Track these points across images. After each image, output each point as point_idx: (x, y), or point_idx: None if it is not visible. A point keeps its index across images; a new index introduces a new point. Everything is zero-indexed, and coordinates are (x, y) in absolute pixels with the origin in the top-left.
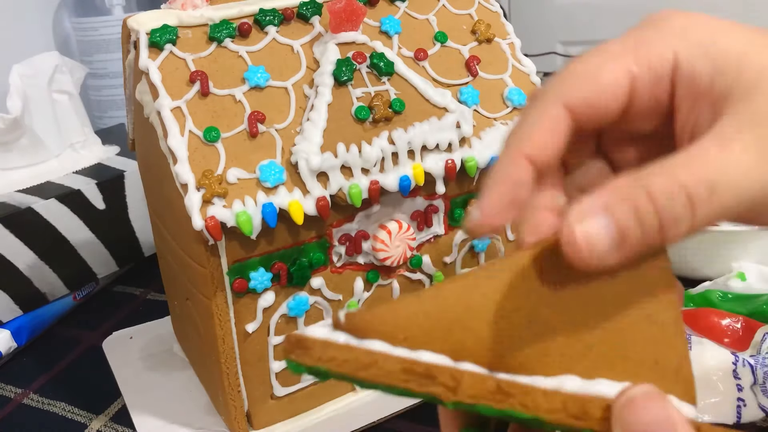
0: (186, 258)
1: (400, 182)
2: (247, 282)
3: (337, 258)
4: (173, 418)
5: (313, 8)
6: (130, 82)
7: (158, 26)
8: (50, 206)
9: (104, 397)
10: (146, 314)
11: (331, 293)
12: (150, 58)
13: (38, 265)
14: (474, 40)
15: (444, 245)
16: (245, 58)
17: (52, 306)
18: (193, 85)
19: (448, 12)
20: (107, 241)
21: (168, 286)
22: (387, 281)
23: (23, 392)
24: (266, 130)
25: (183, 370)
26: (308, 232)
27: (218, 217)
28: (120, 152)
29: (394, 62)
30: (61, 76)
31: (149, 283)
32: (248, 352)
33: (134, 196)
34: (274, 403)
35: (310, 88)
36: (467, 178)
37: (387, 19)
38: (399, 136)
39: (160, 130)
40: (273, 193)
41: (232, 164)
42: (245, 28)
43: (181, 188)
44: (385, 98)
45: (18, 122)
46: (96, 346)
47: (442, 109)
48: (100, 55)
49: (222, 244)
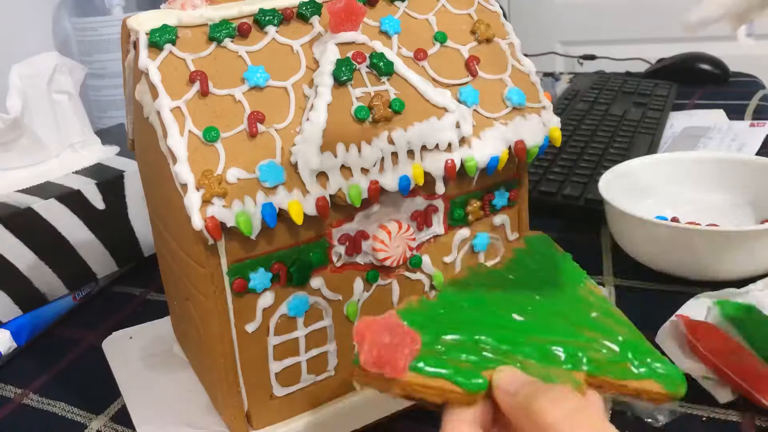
0: (186, 258)
1: (399, 182)
2: (247, 282)
3: (337, 258)
4: (173, 418)
5: (312, 8)
6: (129, 82)
7: (158, 26)
8: (50, 206)
9: (104, 397)
10: (146, 314)
11: (330, 293)
12: (149, 58)
13: (38, 265)
14: (474, 40)
15: (444, 245)
16: (245, 58)
17: (52, 306)
18: (193, 85)
19: (448, 12)
20: (107, 241)
21: (168, 286)
22: (387, 281)
23: (23, 392)
24: (266, 130)
25: (183, 370)
26: (308, 232)
27: (218, 217)
28: (120, 152)
29: (394, 62)
30: (60, 76)
31: (149, 283)
32: (248, 352)
33: (134, 196)
34: (274, 403)
35: (310, 88)
36: (467, 178)
37: (387, 19)
38: (399, 136)
39: (159, 130)
40: (272, 193)
41: (231, 164)
42: (245, 28)
43: (181, 188)
44: (384, 98)
45: (18, 122)
46: (96, 346)
47: (442, 109)
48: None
49: (221, 244)
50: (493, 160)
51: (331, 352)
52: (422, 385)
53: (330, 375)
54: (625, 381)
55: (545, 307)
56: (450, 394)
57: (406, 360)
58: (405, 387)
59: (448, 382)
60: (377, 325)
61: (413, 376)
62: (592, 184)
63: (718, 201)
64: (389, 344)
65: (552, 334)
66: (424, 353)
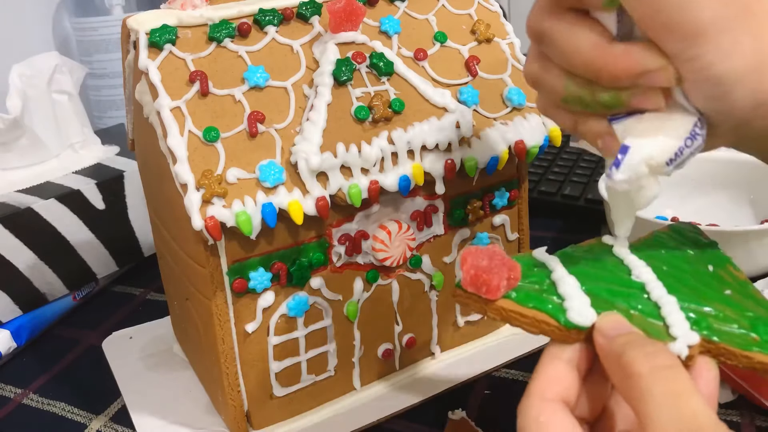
0: (186, 258)
1: (399, 182)
2: (247, 282)
3: (337, 258)
4: (173, 418)
5: (312, 8)
6: (129, 82)
7: (158, 26)
8: (50, 206)
9: (104, 397)
10: (146, 314)
11: (330, 293)
12: (149, 58)
13: (38, 265)
14: (474, 40)
15: (444, 245)
16: (245, 58)
17: (52, 306)
18: (193, 85)
19: (448, 12)
20: (107, 241)
21: (168, 286)
22: (387, 281)
23: (23, 392)
24: (266, 130)
25: (183, 370)
26: (308, 232)
27: (218, 217)
28: (120, 152)
29: (394, 62)
30: (60, 76)
31: (149, 283)
32: (248, 352)
33: (134, 196)
34: (274, 403)
35: (310, 88)
36: (467, 178)
37: (386, 19)
38: (399, 136)
39: (159, 130)
40: (273, 193)
41: (231, 164)
42: (245, 28)
43: (181, 188)
44: (384, 98)
45: (18, 122)
46: (96, 346)
47: (442, 109)
48: (100, 55)
49: (222, 244)
50: (493, 160)
51: (331, 352)
52: (517, 312)
53: (330, 375)
54: (749, 353)
55: (674, 276)
56: (544, 326)
57: (500, 283)
58: (499, 311)
59: (542, 313)
60: (479, 251)
61: (508, 303)
62: (592, 184)
63: (718, 201)
64: (487, 267)
65: (676, 298)
66: (523, 286)
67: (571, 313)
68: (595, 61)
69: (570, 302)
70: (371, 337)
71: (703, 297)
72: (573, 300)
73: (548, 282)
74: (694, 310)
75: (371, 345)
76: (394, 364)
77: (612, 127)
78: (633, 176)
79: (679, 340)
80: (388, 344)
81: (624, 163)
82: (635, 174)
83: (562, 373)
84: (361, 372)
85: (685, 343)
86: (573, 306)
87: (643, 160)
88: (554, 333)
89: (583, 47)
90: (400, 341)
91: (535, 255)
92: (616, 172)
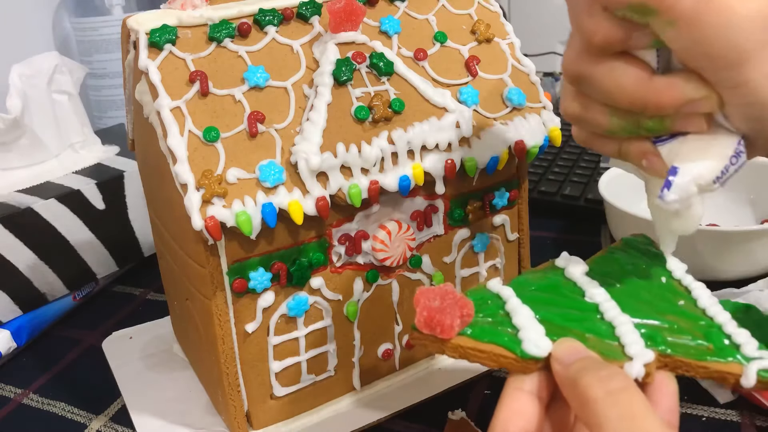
0: (186, 258)
1: (399, 182)
2: (247, 282)
3: (337, 258)
4: (173, 418)
5: (312, 8)
6: (129, 82)
7: (158, 26)
8: (50, 206)
9: (104, 397)
10: (146, 314)
11: (330, 293)
12: (149, 58)
13: (38, 265)
14: (474, 40)
15: (444, 245)
16: (245, 58)
17: (51, 306)
18: (193, 85)
19: (448, 12)
20: (107, 241)
21: (168, 286)
22: (387, 281)
23: (23, 392)
24: (266, 130)
25: (183, 370)
26: (308, 232)
27: (218, 217)
28: (120, 152)
29: (394, 62)
30: (60, 76)
31: (149, 283)
32: (248, 352)
33: (134, 196)
34: (274, 403)
35: (310, 88)
36: (467, 178)
37: (386, 19)
38: (399, 136)
39: (159, 130)
40: (273, 193)
41: (231, 164)
42: (245, 28)
43: (181, 188)
44: (384, 98)
45: (18, 122)
46: (96, 346)
47: (442, 109)
48: (100, 55)
49: (222, 244)
50: (493, 160)
51: (331, 352)
52: (474, 348)
53: (330, 375)
54: (705, 363)
55: (627, 292)
56: (502, 359)
57: (454, 322)
58: (456, 349)
59: (498, 347)
60: (431, 292)
61: (464, 339)
62: (592, 184)
63: (718, 201)
64: (439, 307)
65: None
66: (477, 321)
67: (526, 344)
68: (640, 97)
69: (525, 333)
70: (371, 337)
71: (657, 310)
72: (528, 330)
73: (502, 313)
74: (648, 326)
75: (371, 345)
76: (394, 364)
77: (656, 149)
78: (684, 196)
79: (636, 359)
80: (388, 344)
81: (675, 184)
82: (686, 194)
83: (524, 406)
84: (361, 372)
85: (641, 362)
86: (528, 336)
87: (692, 180)
88: (513, 365)
89: (627, 85)
90: (400, 341)
91: (489, 287)
92: (668, 193)
